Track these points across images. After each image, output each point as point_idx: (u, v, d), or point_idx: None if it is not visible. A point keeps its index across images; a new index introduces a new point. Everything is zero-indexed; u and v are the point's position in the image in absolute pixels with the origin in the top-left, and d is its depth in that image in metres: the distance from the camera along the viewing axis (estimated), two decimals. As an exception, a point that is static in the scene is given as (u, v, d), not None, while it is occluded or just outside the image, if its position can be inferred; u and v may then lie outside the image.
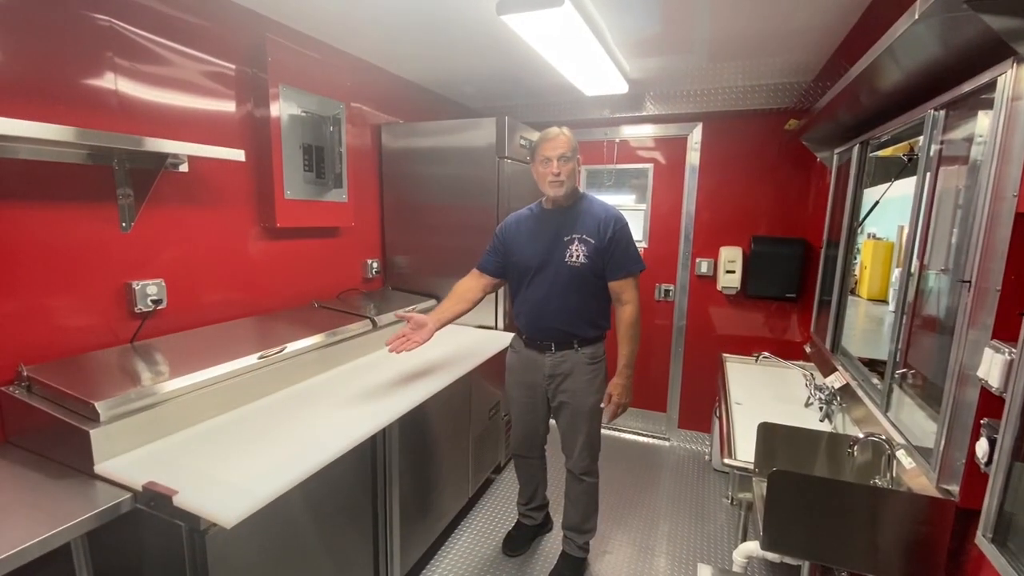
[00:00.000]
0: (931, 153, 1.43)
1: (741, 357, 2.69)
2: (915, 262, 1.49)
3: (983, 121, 1.18)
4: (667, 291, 3.35)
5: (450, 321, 1.93)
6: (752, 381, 2.37)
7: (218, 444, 1.34)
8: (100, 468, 1.18)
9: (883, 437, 1.35)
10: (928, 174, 1.43)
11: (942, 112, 1.40)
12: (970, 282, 1.11)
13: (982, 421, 1.04)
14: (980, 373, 1.03)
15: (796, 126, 2.56)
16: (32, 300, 1.38)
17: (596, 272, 1.85)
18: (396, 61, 2.59)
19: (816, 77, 2.60)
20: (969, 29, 1.04)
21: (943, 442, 1.15)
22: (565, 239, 1.86)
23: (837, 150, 2.49)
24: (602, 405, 1.93)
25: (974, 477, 1.07)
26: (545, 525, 2.38)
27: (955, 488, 1.12)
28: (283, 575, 1.39)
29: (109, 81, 1.51)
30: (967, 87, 1.23)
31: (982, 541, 1.01)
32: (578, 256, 1.84)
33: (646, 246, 3.37)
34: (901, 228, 2.07)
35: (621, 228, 1.86)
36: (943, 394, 1.17)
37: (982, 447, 1.01)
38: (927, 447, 1.27)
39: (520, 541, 2.28)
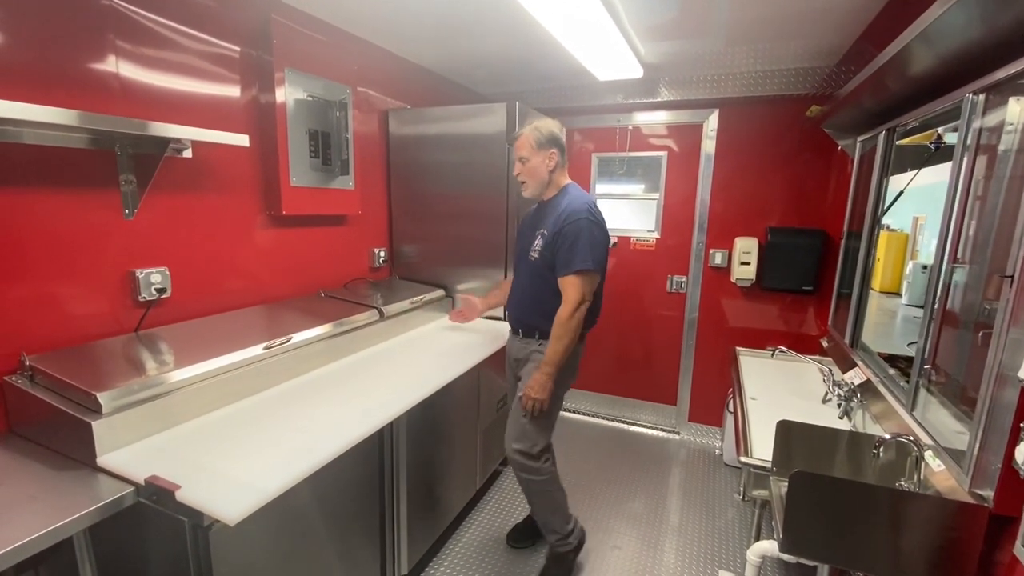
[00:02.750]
0: (968, 140, 1.35)
1: (755, 351, 2.63)
2: (946, 255, 1.42)
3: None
4: (679, 283, 3.28)
5: (495, 306, 2.30)
6: (767, 376, 2.31)
7: (222, 437, 1.31)
8: (103, 460, 1.16)
9: (911, 438, 1.29)
10: (965, 161, 1.36)
11: (981, 96, 1.32)
12: (1012, 277, 1.04)
13: (1022, 424, 0.99)
14: (1021, 374, 0.97)
15: (818, 112, 2.46)
16: (34, 288, 1.35)
17: (548, 265, 1.84)
18: (404, 44, 2.52)
19: (840, 61, 2.50)
20: (1018, 7, 0.97)
21: (977, 445, 1.10)
22: (535, 233, 1.88)
23: (860, 138, 2.40)
24: (519, 394, 1.87)
25: (1011, 483, 1.01)
26: None
27: (989, 493, 1.07)
28: (289, 569, 1.37)
29: (110, 64, 1.47)
30: (1012, 69, 1.15)
31: (1021, 551, 0.96)
32: (536, 249, 1.86)
33: (658, 236, 3.30)
34: (916, 219, 2.01)
35: (571, 224, 1.76)
36: (979, 395, 1.12)
37: (1022, 452, 0.96)
38: (957, 449, 1.22)
39: (525, 533, 2.25)
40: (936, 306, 1.46)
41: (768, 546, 1.56)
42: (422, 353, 2.09)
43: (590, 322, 1.93)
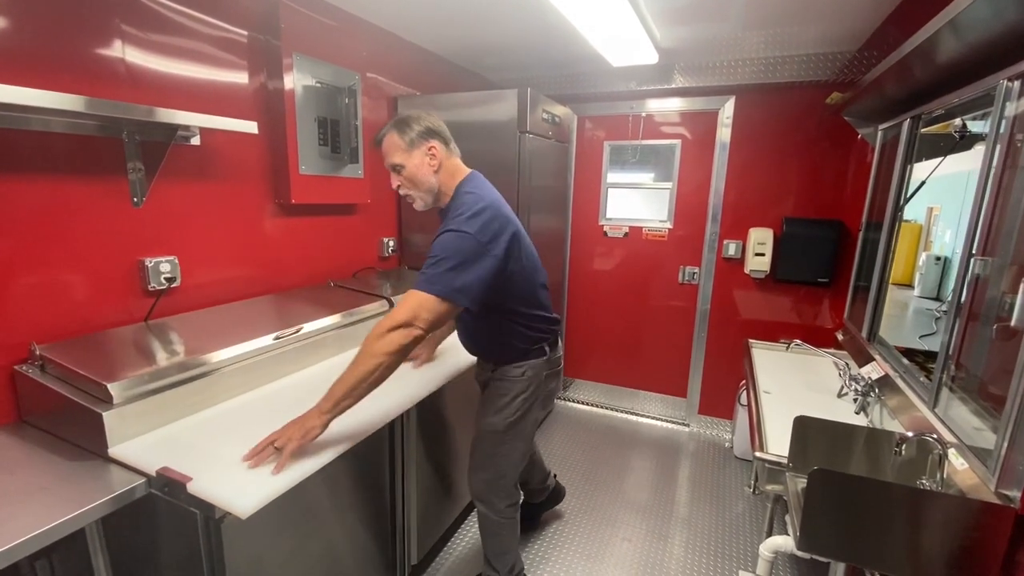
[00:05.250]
0: (1001, 128, 1.30)
1: (769, 344, 2.59)
2: (975, 245, 1.37)
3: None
4: (692, 274, 3.24)
5: (441, 340, 1.94)
6: (781, 369, 2.27)
7: (234, 428, 1.30)
8: (114, 451, 1.15)
9: (934, 436, 1.26)
10: (998, 150, 1.30)
11: (1016, 83, 1.26)
12: (1048, 272, 1.00)
13: (1055, 425, 0.95)
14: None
15: (839, 100, 2.39)
16: (43, 277, 1.34)
17: None
18: (414, 29, 2.47)
19: (862, 47, 2.42)
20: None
21: (1005, 444, 1.07)
22: None
23: (882, 126, 2.33)
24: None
25: (1041, 484, 0.98)
26: (553, 499, 2.32)
27: (1016, 494, 1.04)
28: (301, 560, 1.37)
29: (117, 49, 1.44)
30: (1053, 53, 1.10)
31: (1051, 555, 0.93)
32: None
33: (671, 227, 3.25)
34: (930, 210, 1.95)
35: (440, 237, 1.41)
36: (1008, 393, 1.08)
37: (1055, 454, 0.93)
38: (982, 447, 1.19)
39: (522, 518, 2.15)
40: (962, 300, 1.41)
41: (782, 542, 1.54)
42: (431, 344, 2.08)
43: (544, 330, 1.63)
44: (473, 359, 1.83)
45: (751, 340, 2.61)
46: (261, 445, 1.17)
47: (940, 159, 1.82)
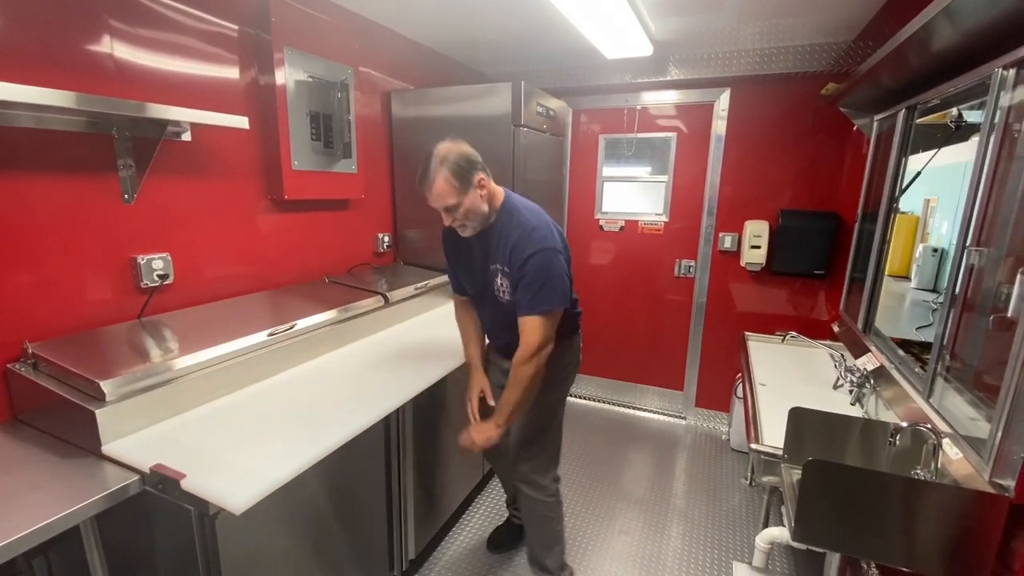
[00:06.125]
0: (996, 117, 1.29)
1: (764, 336, 2.59)
2: (969, 236, 1.36)
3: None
4: (688, 267, 3.23)
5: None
6: (777, 361, 2.28)
7: (228, 424, 1.30)
8: (107, 448, 1.15)
9: (928, 426, 1.26)
10: (992, 139, 1.30)
11: (1012, 71, 1.26)
12: (1042, 261, 1.00)
13: (1048, 414, 0.95)
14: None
15: (835, 90, 2.38)
16: (35, 275, 1.33)
17: None
18: (406, 22, 2.45)
19: (857, 37, 2.41)
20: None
21: (999, 434, 1.07)
22: (491, 268, 1.58)
23: (877, 117, 2.32)
24: (461, 442, 1.63)
25: (1035, 473, 0.98)
26: None
27: (1010, 483, 1.04)
28: (298, 556, 1.37)
29: (105, 45, 1.43)
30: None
31: (1044, 543, 0.93)
32: (503, 291, 1.58)
33: (666, 220, 3.24)
34: (927, 201, 1.95)
35: (535, 260, 1.46)
36: (1002, 383, 1.08)
37: (1048, 442, 0.93)
38: (976, 437, 1.19)
39: (505, 538, 2.16)
40: (957, 291, 1.41)
41: (778, 533, 1.55)
42: (427, 339, 2.07)
43: (573, 314, 1.72)
44: (465, 357, 1.84)
45: (747, 333, 2.62)
46: (465, 442, 1.59)
47: (936, 150, 1.82)
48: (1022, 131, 1.20)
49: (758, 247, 2.91)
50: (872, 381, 1.83)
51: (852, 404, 1.82)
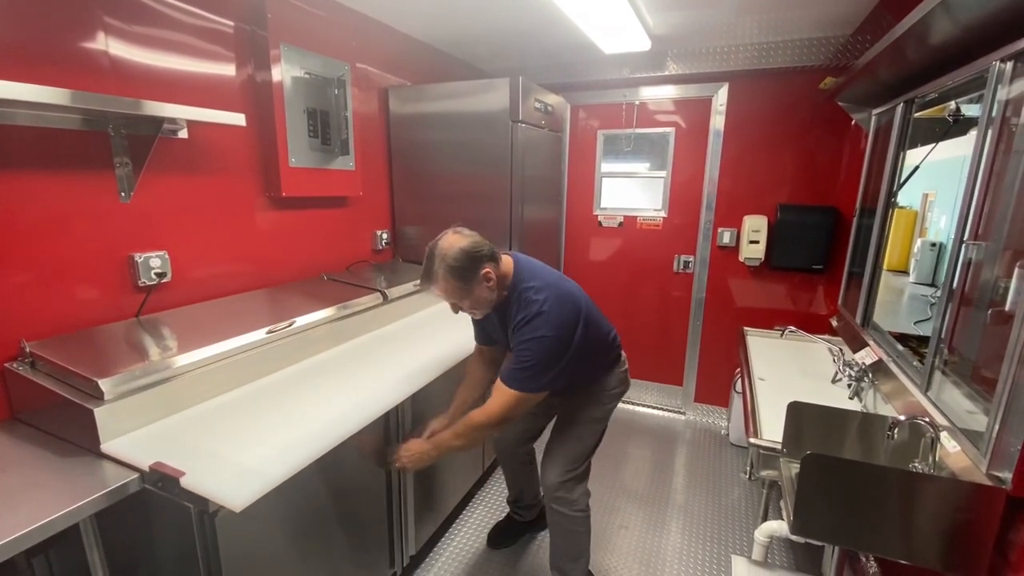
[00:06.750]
0: (993, 111, 1.29)
1: (763, 331, 2.59)
2: (967, 230, 1.37)
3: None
4: (686, 262, 3.23)
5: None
6: (776, 356, 2.28)
7: (227, 422, 1.30)
8: (106, 447, 1.15)
9: (926, 419, 1.27)
10: (990, 132, 1.30)
11: (1009, 64, 1.26)
12: (1039, 254, 1.00)
13: (1045, 406, 0.96)
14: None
15: (833, 84, 2.38)
16: (32, 274, 1.33)
17: None
18: (403, 17, 2.44)
19: (856, 31, 2.41)
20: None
21: (996, 426, 1.07)
22: (511, 332, 1.55)
23: (876, 111, 2.32)
24: (391, 461, 1.61)
25: (1032, 465, 0.99)
26: (538, 523, 2.19)
27: (1007, 475, 1.04)
28: (298, 553, 1.37)
29: (100, 42, 1.42)
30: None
31: (1040, 534, 0.94)
32: None
33: (665, 215, 3.24)
34: (925, 196, 1.95)
35: (531, 350, 1.44)
36: (999, 376, 1.08)
37: (1045, 434, 0.93)
38: (973, 430, 1.19)
39: (506, 535, 2.16)
40: (954, 284, 1.41)
41: (776, 526, 1.55)
42: (426, 336, 2.07)
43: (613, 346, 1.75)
44: (471, 350, 1.84)
45: (746, 328, 2.62)
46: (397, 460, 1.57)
47: (934, 144, 1.82)
48: (1020, 125, 1.20)
49: (757, 242, 2.91)
50: (870, 375, 1.83)
51: (850, 398, 1.83)
